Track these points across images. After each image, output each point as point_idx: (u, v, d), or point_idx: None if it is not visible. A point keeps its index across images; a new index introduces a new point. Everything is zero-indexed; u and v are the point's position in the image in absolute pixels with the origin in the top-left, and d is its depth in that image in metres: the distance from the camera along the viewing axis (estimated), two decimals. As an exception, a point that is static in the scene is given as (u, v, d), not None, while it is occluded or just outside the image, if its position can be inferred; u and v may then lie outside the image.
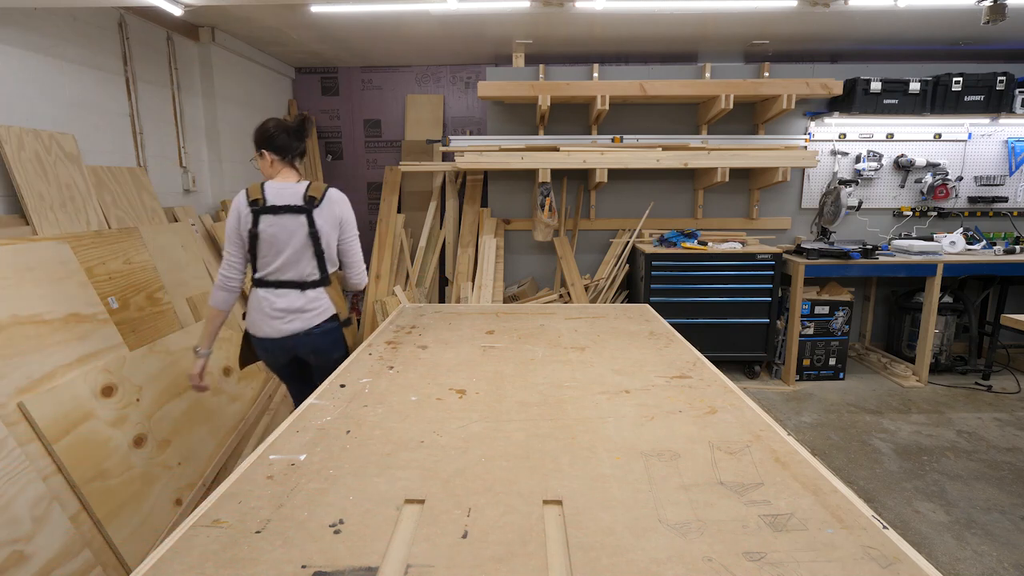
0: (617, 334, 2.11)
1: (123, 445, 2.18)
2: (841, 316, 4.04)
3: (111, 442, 2.13)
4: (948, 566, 2.16)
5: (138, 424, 2.29)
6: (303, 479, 1.08)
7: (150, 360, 2.51)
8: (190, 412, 2.62)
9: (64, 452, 1.93)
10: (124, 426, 2.22)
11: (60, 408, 1.99)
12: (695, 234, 4.22)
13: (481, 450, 1.19)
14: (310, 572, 0.81)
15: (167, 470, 2.35)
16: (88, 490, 1.97)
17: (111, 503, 2.03)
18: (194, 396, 2.65)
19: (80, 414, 2.06)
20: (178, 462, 2.42)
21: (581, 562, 0.83)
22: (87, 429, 2.06)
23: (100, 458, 2.06)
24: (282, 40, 4.19)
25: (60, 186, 2.60)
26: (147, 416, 2.35)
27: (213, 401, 2.81)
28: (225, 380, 2.99)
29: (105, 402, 2.18)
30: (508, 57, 4.73)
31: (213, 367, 2.92)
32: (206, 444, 2.65)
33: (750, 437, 1.23)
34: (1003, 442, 3.16)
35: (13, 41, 2.53)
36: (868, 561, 0.83)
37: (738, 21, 3.70)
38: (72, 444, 1.98)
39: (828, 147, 4.45)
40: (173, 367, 2.62)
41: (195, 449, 2.57)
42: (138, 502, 2.15)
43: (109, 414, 2.18)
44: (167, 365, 2.60)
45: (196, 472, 2.51)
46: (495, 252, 4.45)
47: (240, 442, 2.88)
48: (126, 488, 2.12)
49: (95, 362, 2.23)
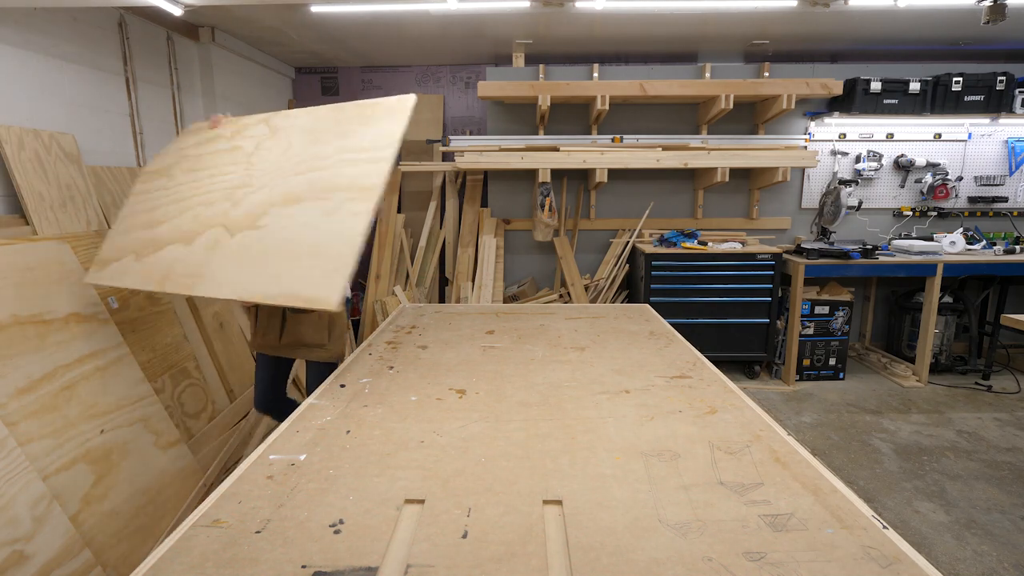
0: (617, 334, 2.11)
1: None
2: (841, 316, 4.04)
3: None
4: (948, 566, 2.16)
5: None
6: (303, 479, 1.08)
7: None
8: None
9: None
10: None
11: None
12: (695, 234, 4.22)
13: (481, 450, 1.19)
14: (310, 572, 0.81)
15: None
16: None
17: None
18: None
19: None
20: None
21: (581, 562, 0.83)
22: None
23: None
24: (282, 40, 4.19)
25: (60, 186, 2.60)
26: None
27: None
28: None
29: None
30: (508, 57, 4.73)
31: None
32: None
33: (750, 437, 1.23)
34: (1003, 442, 3.16)
35: (13, 41, 2.53)
36: (868, 561, 0.83)
37: (738, 21, 3.70)
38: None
39: (828, 147, 4.45)
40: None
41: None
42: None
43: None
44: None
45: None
46: (495, 252, 4.45)
47: (241, 444, 2.88)
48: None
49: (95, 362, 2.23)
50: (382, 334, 2.15)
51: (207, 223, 1.77)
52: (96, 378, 2.20)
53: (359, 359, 1.84)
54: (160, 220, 1.89)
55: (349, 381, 1.62)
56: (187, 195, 1.91)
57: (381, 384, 1.60)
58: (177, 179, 1.99)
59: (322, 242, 1.50)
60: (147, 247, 1.86)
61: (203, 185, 1.89)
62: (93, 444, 2.08)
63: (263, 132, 1.91)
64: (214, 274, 1.65)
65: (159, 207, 1.96)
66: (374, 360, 1.83)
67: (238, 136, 1.93)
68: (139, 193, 2.13)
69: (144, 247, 1.86)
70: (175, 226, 1.83)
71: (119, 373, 2.31)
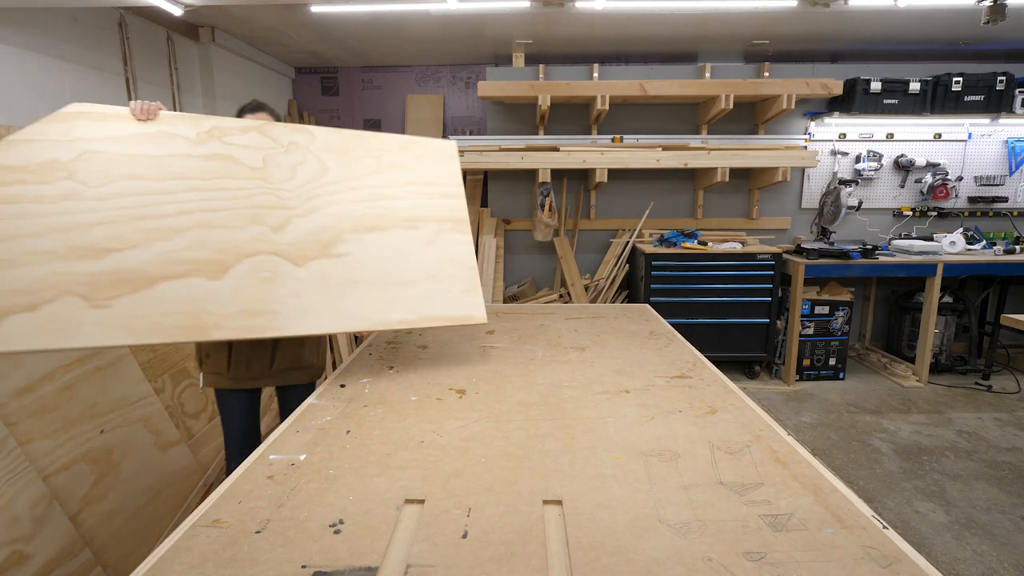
0: (617, 334, 2.11)
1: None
2: (841, 316, 4.04)
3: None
4: (948, 566, 2.16)
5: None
6: (303, 479, 1.08)
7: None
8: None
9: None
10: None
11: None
12: (695, 234, 4.22)
13: (481, 450, 1.19)
14: (310, 572, 0.81)
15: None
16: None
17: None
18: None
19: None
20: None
21: (581, 562, 0.83)
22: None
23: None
24: (282, 40, 4.19)
25: (60, 186, 2.60)
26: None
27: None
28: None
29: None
30: (508, 57, 4.73)
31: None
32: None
33: (750, 437, 1.23)
34: (1003, 442, 3.16)
35: (13, 41, 2.53)
36: (868, 561, 0.83)
37: (738, 21, 3.70)
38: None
39: (828, 147, 4.45)
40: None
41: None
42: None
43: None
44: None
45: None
46: (495, 252, 4.45)
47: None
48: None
49: (95, 362, 2.23)
50: (382, 334, 2.15)
51: (240, 251, 1.44)
52: (96, 378, 2.20)
53: (359, 359, 1.84)
54: (110, 245, 1.31)
55: (349, 381, 1.63)
56: (164, 213, 1.40)
57: (381, 384, 1.60)
58: (107, 187, 1.36)
59: (433, 268, 1.64)
60: (111, 284, 1.29)
61: (192, 202, 1.43)
62: (93, 444, 2.08)
63: (266, 144, 1.55)
64: (302, 309, 1.47)
65: (89, 226, 1.32)
66: (374, 360, 1.83)
67: (213, 142, 1.48)
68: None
69: (101, 285, 1.28)
70: (163, 254, 1.35)
71: (119, 373, 2.31)
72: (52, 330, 1.23)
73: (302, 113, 5.19)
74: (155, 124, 1.43)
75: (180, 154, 1.45)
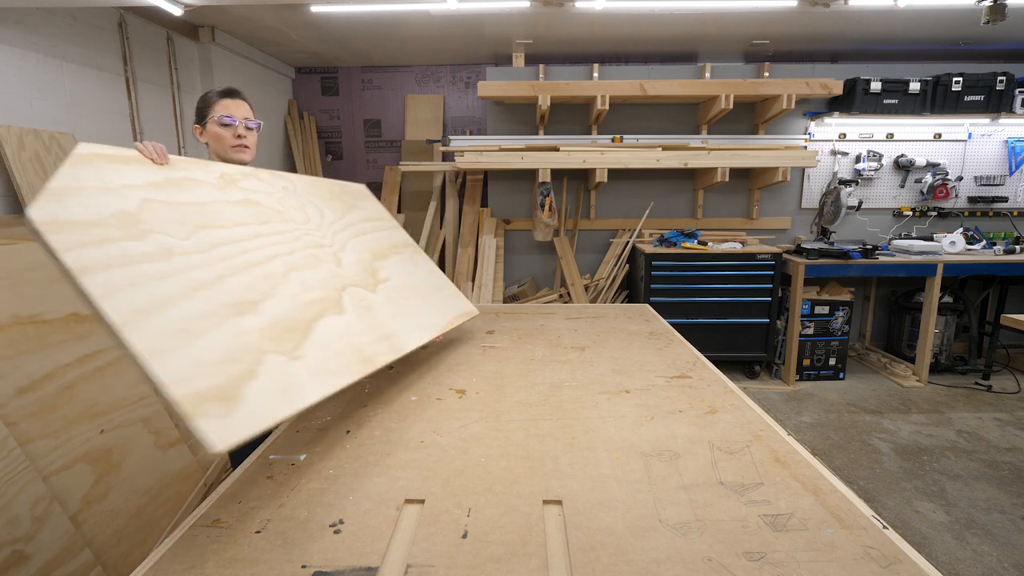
0: (617, 334, 2.11)
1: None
2: (841, 316, 4.04)
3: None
4: (948, 566, 2.16)
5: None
6: (303, 479, 1.08)
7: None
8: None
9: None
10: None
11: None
12: (695, 234, 4.22)
13: (481, 450, 1.19)
14: (310, 572, 0.81)
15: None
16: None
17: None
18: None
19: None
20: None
21: (581, 562, 0.83)
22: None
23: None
24: (282, 40, 4.19)
25: (60, 186, 2.60)
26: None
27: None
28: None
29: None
30: (508, 57, 4.73)
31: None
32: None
33: (750, 437, 1.23)
34: (1003, 442, 3.16)
35: (13, 41, 2.53)
36: (868, 561, 0.83)
37: (738, 21, 3.70)
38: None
39: (828, 147, 4.45)
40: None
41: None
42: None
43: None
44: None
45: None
46: (495, 252, 4.45)
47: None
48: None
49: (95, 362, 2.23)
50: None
51: (336, 287, 1.44)
52: (96, 378, 2.20)
53: (359, 359, 1.84)
54: (250, 297, 1.18)
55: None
56: (258, 260, 1.29)
57: (381, 384, 1.60)
58: (195, 238, 1.18)
59: (432, 281, 1.93)
60: (284, 335, 1.17)
61: (267, 248, 1.34)
62: (93, 444, 2.08)
63: (268, 188, 1.51)
64: (402, 327, 1.56)
65: (214, 281, 1.14)
66: (374, 360, 1.83)
67: (232, 187, 1.40)
68: (120, 266, 1.00)
69: (278, 337, 1.15)
70: (292, 299, 1.27)
71: (119, 373, 2.31)
72: (282, 392, 1.05)
73: (302, 113, 5.19)
74: (174, 169, 1.28)
75: (218, 200, 1.33)
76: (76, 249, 0.90)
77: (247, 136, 1.67)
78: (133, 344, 0.86)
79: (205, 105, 1.65)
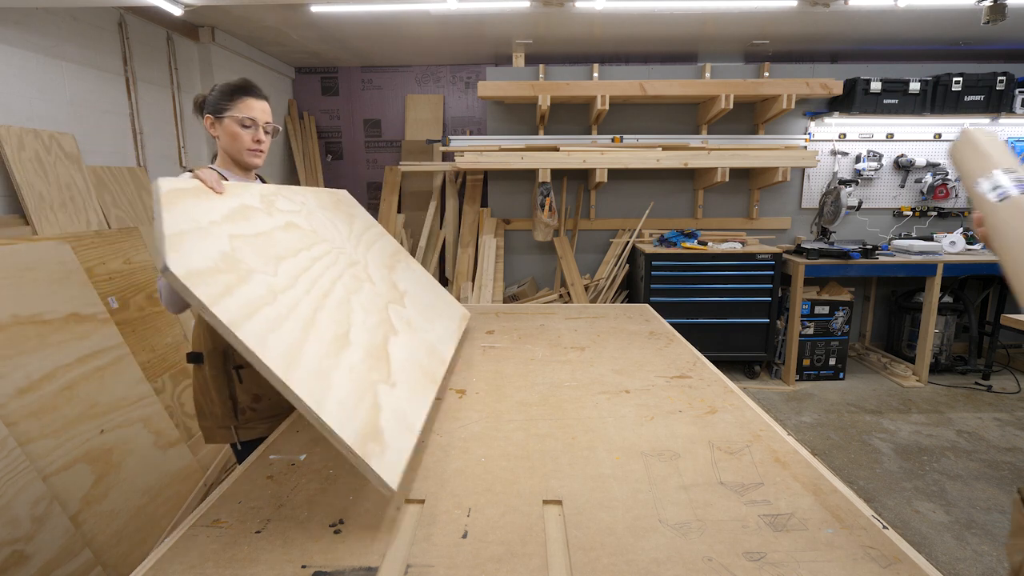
0: (617, 334, 2.11)
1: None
2: (841, 316, 4.04)
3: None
4: (948, 566, 2.16)
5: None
6: (303, 479, 1.08)
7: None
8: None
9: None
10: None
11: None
12: (695, 234, 4.22)
13: (481, 450, 1.19)
14: (310, 572, 0.81)
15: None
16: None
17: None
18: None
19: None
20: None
21: (581, 562, 0.83)
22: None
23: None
24: (282, 40, 4.19)
25: (60, 186, 2.60)
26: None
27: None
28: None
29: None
30: (508, 57, 4.73)
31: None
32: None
33: (750, 437, 1.23)
34: (1003, 442, 3.16)
35: (13, 41, 2.53)
36: (868, 561, 0.83)
37: (738, 21, 3.70)
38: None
39: (828, 147, 4.45)
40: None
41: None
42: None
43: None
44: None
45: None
46: (495, 252, 4.45)
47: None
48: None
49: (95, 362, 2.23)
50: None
51: (380, 306, 1.44)
52: (96, 378, 2.20)
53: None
54: (338, 329, 1.16)
55: (349, 381, 1.62)
56: (325, 287, 1.28)
57: (381, 384, 1.60)
58: (281, 272, 1.15)
59: (435, 287, 2.04)
60: (377, 363, 1.19)
61: (326, 273, 1.34)
62: (93, 444, 2.08)
63: (295, 207, 1.47)
64: (437, 338, 1.59)
65: (311, 316, 1.12)
66: (374, 360, 1.83)
67: (275, 210, 1.36)
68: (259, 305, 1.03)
69: (374, 367, 1.17)
70: (362, 325, 1.26)
71: (119, 373, 2.31)
72: (401, 421, 1.07)
73: (302, 113, 5.19)
74: (229, 197, 1.22)
75: (274, 227, 1.29)
76: (219, 301, 0.88)
77: (265, 141, 1.57)
78: (302, 397, 0.86)
79: (225, 98, 1.51)
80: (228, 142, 1.51)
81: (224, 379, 1.49)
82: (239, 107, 1.50)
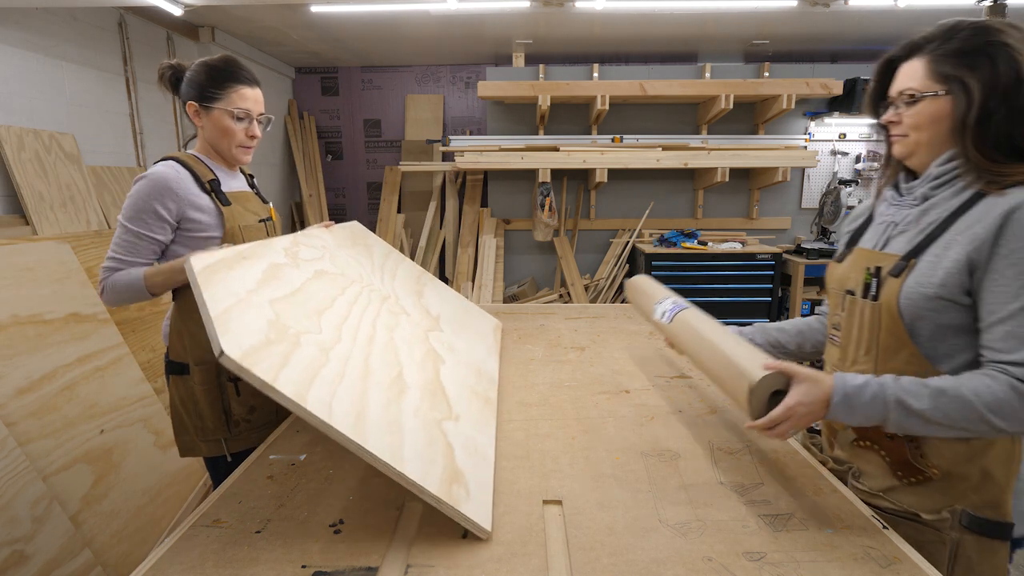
0: (617, 334, 2.11)
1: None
2: (841, 316, 4.04)
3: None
4: (948, 566, 2.16)
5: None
6: (303, 479, 1.08)
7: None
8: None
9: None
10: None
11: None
12: (695, 234, 4.22)
13: (481, 450, 1.19)
14: (310, 572, 0.81)
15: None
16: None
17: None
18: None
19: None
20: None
21: (581, 562, 0.83)
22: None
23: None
24: (282, 40, 4.20)
25: (60, 186, 2.60)
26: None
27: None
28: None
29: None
30: (508, 57, 4.74)
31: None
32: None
33: (750, 437, 1.23)
34: (1003, 442, 3.16)
35: (13, 41, 2.54)
36: (868, 561, 0.83)
37: (738, 21, 3.70)
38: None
39: (828, 147, 4.45)
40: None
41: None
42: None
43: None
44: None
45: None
46: (495, 252, 4.45)
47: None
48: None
49: (95, 362, 2.23)
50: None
51: (420, 337, 1.44)
52: (96, 378, 2.20)
53: (359, 359, 1.84)
54: (391, 372, 1.16)
55: (349, 381, 1.62)
56: (369, 334, 1.27)
57: (381, 384, 1.60)
58: (325, 328, 1.15)
59: (462, 303, 2.01)
60: (435, 399, 1.20)
61: (364, 318, 1.31)
62: (93, 444, 2.08)
63: (318, 253, 1.46)
64: (479, 357, 1.61)
65: (363, 368, 1.11)
66: (374, 360, 1.83)
67: (300, 261, 1.34)
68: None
69: (434, 406, 1.16)
70: (411, 364, 1.26)
71: (119, 373, 2.31)
72: (474, 455, 1.07)
73: (302, 113, 5.19)
74: (257, 259, 1.18)
75: (305, 279, 1.26)
76: (280, 375, 0.85)
77: (258, 136, 1.44)
78: (380, 456, 0.85)
79: (215, 85, 1.34)
80: (217, 136, 1.37)
81: (217, 391, 1.40)
82: (231, 97, 1.34)
